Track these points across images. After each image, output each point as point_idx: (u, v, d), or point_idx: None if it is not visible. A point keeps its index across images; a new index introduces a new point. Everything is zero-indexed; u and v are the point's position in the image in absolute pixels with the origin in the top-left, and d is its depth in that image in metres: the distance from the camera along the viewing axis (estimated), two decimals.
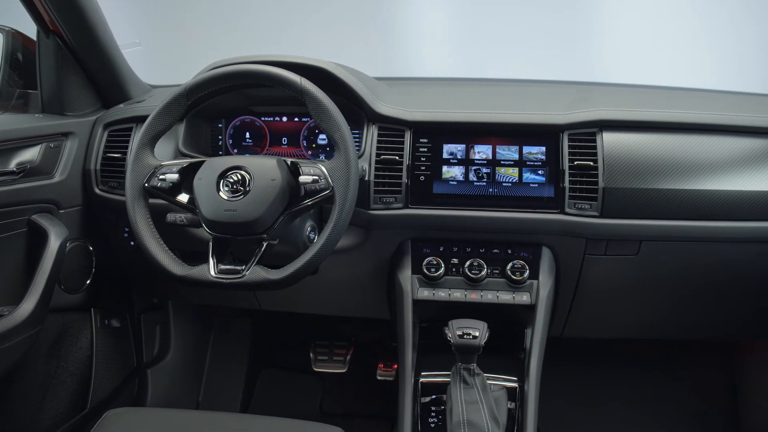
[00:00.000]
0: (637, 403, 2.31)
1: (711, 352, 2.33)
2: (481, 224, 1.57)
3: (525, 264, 1.59)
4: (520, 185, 1.57)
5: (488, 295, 1.58)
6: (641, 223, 1.54)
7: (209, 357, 2.42)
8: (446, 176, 1.58)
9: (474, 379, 1.41)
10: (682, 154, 1.55)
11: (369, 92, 1.62)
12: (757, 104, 1.84)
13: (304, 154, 1.77)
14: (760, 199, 1.53)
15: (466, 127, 1.59)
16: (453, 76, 2.22)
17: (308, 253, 1.34)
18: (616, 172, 1.52)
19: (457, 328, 1.40)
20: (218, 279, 1.35)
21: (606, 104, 1.61)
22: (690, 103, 1.81)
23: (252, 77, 1.42)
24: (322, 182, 1.35)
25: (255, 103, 1.78)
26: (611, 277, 1.67)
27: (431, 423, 1.50)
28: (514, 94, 1.89)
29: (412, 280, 1.61)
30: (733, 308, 1.82)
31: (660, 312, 1.83)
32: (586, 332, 1.95)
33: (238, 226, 1.35)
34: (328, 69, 1.59)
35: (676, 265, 1.65)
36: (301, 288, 1.71)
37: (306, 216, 1.53)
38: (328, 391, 2.41)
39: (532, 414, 1.47)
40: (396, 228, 1.61)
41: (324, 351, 2.37)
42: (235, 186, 1.37)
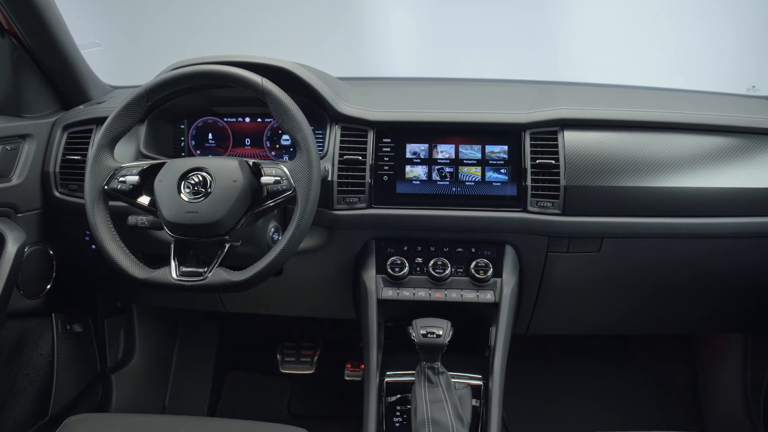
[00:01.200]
0: (602, 398, 2.34)
1: (673, 346, 2.37)
2: (445, 223, 1.58)
3: (488, 262, 1.59)
4: (482, 184, 1.58)
5: (452, 294, 1.59)
6: (602, 220, 1.56)
7: (175, 360, 2.39)
8: (409, 176, 1.59)
9: (438, 377, 1.42)
10: (643, 152, 1.57)
11: (331, 92, 1.61)
12: (718, 103, 1.88)
13: (268, 154, 1.76)
14: (720, 196, 1.56)
15: (429, 127, 1.60)
16: (418, 76, 2.23)
17: (270, 254, 1.33)
18: (577, 170, 1.54)
19: (420, 327, 1.41)
20: (180, 282, 1.34)
21: (567, 103, 1.63)
22: (651, 101, 1.83)
23: (212, 78, 1.40)
24: (284, 183, 1.35)
25: (217, 104, 1.76)
26: (574, 275, 1.69)
27: (396, 422, 1.51)
28: (477, 94, 1.90)
29: (377, 280, 1.61)
30: (694, 303, 1.85)
31: (622, 308, 1.85)
32: (551, 329, 1.97)
33: (199, 227, 1.33)
34: (289, 69, 1.58)
35: (637, 261, 1.67)
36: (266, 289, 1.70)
37: (269, 217, 1.52)
38: (296, 393, 2.40)
39: (496, 411, 1.48)
40: (360, 228, 1.61)
41: (291, 352, 2.36)
42: (196, 187, 1.35)
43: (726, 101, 1.92)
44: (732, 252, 1.66)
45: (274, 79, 1.40)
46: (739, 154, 1.60)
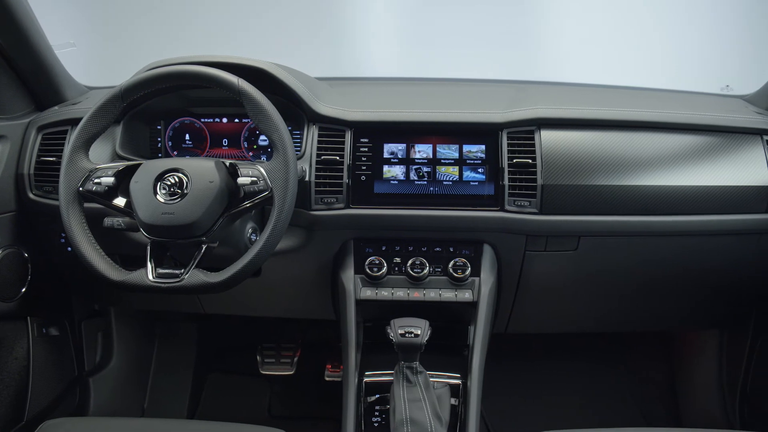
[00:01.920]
0: (581, 395, 2.36)
1: (651, 343, 2.39)
2: (423, 223, 1.58)
3: (467, 262, 1.60)
4: (460, 183, 1.58)
5: (431, 293, 1.59)
6: (579, 219, 1.57)
7: (154, 363, 2.38)
8: (387, 176, 1.59)
9: (417, 377, 1.42)
10: (619, 150, 1.58)
11: (308, 92, 1.61)
12: (693, 102, 1.89)
13: (245, 155, 1.75)
14: (695, 194, 1.57)
15: (406, 127, 1.60)
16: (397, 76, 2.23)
17: (247, 255, 1.32)
18: (554, 169, 1.55)
19: (399, 327, 1.41)
20: (156, 283, 1.33)
21: (544, 102, 1.64)
22: (627, 100, 1.85)
23: (188, 78, 1.40)
24: (260, 184, 1.34)
25: (194, 105, 1.75)
26: (552, 273, 1.70)
27: (375, 422, 1.51)
28: (454, 94, 1.90)
29: (355, 280, 1.61)
30: (671, 301, 1.87)
31: (600, 306, 1.87)
32: (530, 328, 1.98)
33: (176, 229, 1.33)
34: (266, 69, 1.57)
35: (614, 259, 1.69)
36: (245, 290, 1.70)
37: (247, 217, 1.52)
38: (276, 394, 2.39)
39: (475, 409, 1.49)
40: (338, 228, 1.61)
41: (271, 353, 2.35)
42: (172, 189, 1.34)
43: (701, 100, 1.94)
44: (708, 249, 1.68)
45: (250, 80, 1.40)
46: (713, 153, 1.61)
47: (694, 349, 2.24)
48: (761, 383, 1.88)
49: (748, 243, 1.66)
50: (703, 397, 2.17)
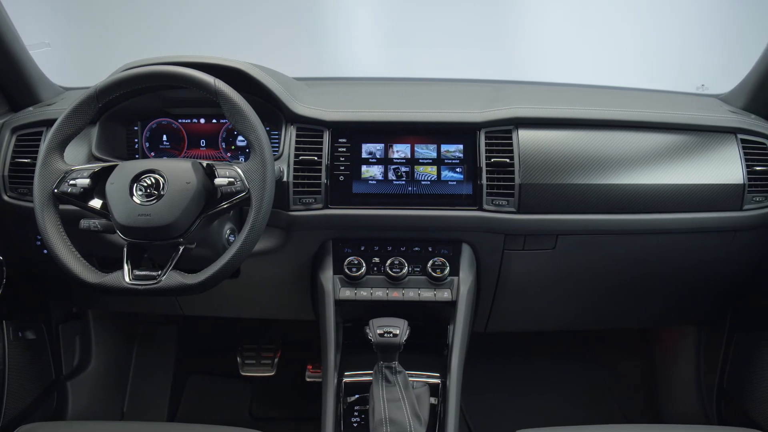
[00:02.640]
0: (562, 393, 2.37)
1: (630, 341, 2.41)
2: (401, 222, 1.58)
3: (445, 261, 1.60)
4: (438, 183, 1.58)
5: (410, 293, 1.59)
6: (557, 217, 1.58)
7: (133, 366, 2.36)
8: (365, 176, 1.59)
9: (396, 377, 1.42)
10: (596, 149, 1.59)
11: (286, 92, 1.61)
12: (669, 101, 1.91)
13: (223, 156, 1.74)
14: (671, 192, 1.59)
15: (384, 127, 1.60)
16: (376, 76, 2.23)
17: (225, 256, 1.32)
18: (531, 168, 1.56)
19: (377, 327, 1.41)
20: (133, 285, 1.32)
21: (522, 102, 1.65)
22: (604, 100, 1.87)
23: (164, 79, 1.39)
24: (238, 184, 1.34)
25: (172, 105, 1.74)
26: (530, 272, 1.71)
27: (354, 422, 1.50)
28: (433, 93, 1.91)
29: (334, 281, 1.61)
30: (649, 298, 1.89)
31: (579, 304, 1.88)
32: (510, 326, 1.99)
33: (152, 230, 1.32)
34: (243, 69, 1.56)
35: (592, 257, 1.70)
36: (224, 292, 1.69)
37: (225, 218, 1.51)
38: (257, 395, 2.38)
39: (453, 409, 1.49)
40: (316, 228, 1.61)
41: (251, 354, 2.34)
42: (149, 190, 1.34)
43: (677, 99, 1.96)
44: (684, 247, 1.70)
45: (227, 80, 1.39)
46: (689, 151, 1.63)
47: (671, 346, 2.26)
48: (737, 379, 1.90)
49: (723, 240, 1.68)
50: (681, 393, 2.20)
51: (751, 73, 1.78)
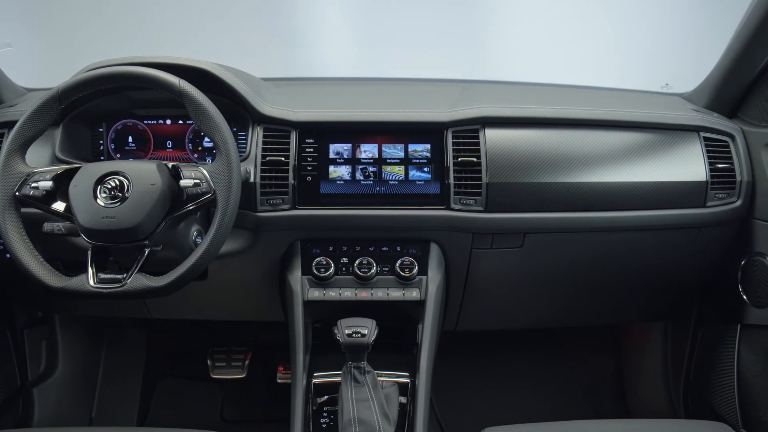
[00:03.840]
0: (533, 389, 2.39)
1: (599, 337, 2.44)
2: (369, 222, 1.58)
3: (414, 260, 1.61)
4: (406, 183, 1.59)
5: (378, 293, 1.59)
6: (524, 216, 1.59)
7: (102, 370, 2.33)
8: (333, 176, 1.58)
9: (365, 377, 1.42)
10: (562, 148, 1.61)
11: (252, 93, 1.60)
12: (634, 100, 1.93)
13: (190, 157, 1.73)
14: (637, 190, 1.61)
15: (352, 127, 1.60)
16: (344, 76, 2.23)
17: (191, 258, 1.31)
18: (498, 167, 1.57)
19: (345, 327, 1.41)
20: (97, 289, 1.30)
21: (489, 101, 1.66)
22: (570, 99, 1.88)
23: (128, 79, 1.37)
24: (203, 186, 1.33)
25: (137, 106, 1.72)
26: (498, 270, 1.72)
27: (323, 423, 1.50)
28: (401, 93, 1.91)
29: (302, 281, 1.61)
30: (616, 295, 1.91)
31: (548, 301, 1.90)
32: (480, 325, 2.01)
33: (117, 233, 1.30)
34: (208, 69, 1.55)
35: (559, 255, 1.71)
36: (192, 294, 1.68)
37: (192, 220, 1.50)
38: (228, 398, 2.36)
39: (422, 408, 1.49)
40: (284, 229, 1.60)
41: (221, 357, 2.32)
42: (113, 192, 1.32)
43: (642, 98, 1.98)
44: (650, 244, 1.72)
45: (193, 81, 1.38)
46: (653, 149, 1.66)
47: (640, 341, 2.29)
48: (702, 373, 1.93)
49: (688, 237, 1.71)
50: (649, 388, 2.23)
51: (713, 72, 1.81)
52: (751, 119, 1.74)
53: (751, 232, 1.70)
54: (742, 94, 1.76)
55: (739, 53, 1.66)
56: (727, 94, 1.78)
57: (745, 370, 1.73)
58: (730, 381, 1.77)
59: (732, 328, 1.78)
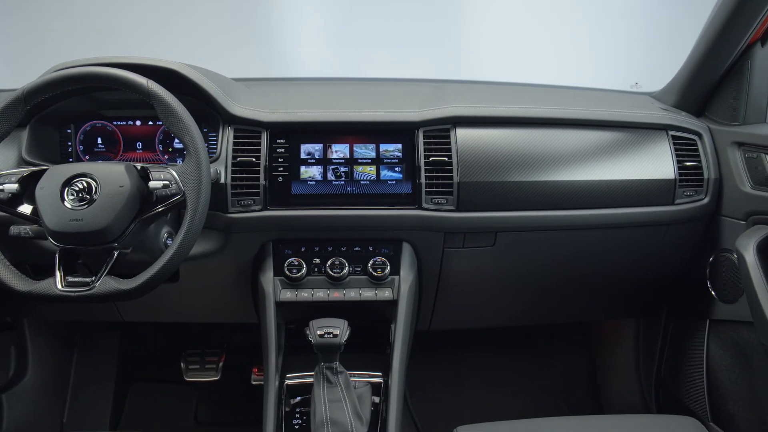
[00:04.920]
0: (508, 388, 2.40)
1: (573, 335, 2.46)
2: (341, 222, 1.58)
3: (386, 260, 1.61)
4: (378, 183, 1.59)
5: (351, 293, 1.59)
6: (495, 215, 1.60)
7: (73, 375, 2.30)
8: (304, 176, 1.58)
9: (337, 377, 1.42)
10: (532, 147, 1.62)
11: (222, 93, 1.59)
12: (603, 99, 1.95)
13: (161, 158, 1.71)
14: (606, 188, 1.63)
15: (323, 127, 1.60)
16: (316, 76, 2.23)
17: (161, 260, 1.30)
18: (469, 166, 1.57)
19: (317, 327, 1.40)
20: (65, 293, 1.29)
21: (459, 101, 1.67)
22: (541, 98, 1.89)
23: (96, 80, 1.35)
24: (173, 187, 1.32)
25: (106, 107, 1.70)
26: (471, 269, 1.73)
27: (296, 424, 1.50)
28: (372, 93, 1.91)
29: (274, 282, 1.60)
30: (588, 293, 1.93)
31: (520, 300, 1.91)
32: (454, 324, 2.01)
33: (85, 236, 1.29)
34: (177, 70, 1.54)
35: (531, 254, 1.73)
36: (164, 296, 1.67)
37: (162, 222, 1.48)
38: (202, 401, 2.35)
39: (395, 407, 1.49)
40: (256, 230, 1.59)
41: (195, 360, 2.30)
42: (80, 194, 1.31)
43: (611, 97, 2.00)
44: (620, 242, 1.74)
45: (162, 81, 1.37)
46: (623, 148, 1.67)
47: (612, 338, 2.31)
48: (673, 368, 1.96)
49: (657, 234, 1.73)
50: (622, 384, 2.25)
51: (680, 72, 1.84)
52: (718, 118, 1.77)
53: (718, 229, 1.72)
54: (708, 93, 1.78)
55: (705, 53, 1.69)
56: (694, 93, 1.80)
57: (713, 364, 1.76)
58: (700, 376, 1.80)
59: (701, 323, 1.80)
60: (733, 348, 1.70)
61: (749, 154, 1.62)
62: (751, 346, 1.62)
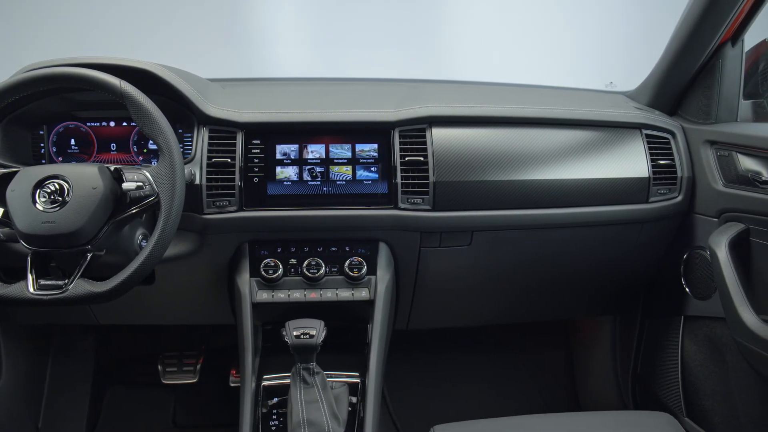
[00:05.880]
0: (487, 386, 2.42)
1: (550, 333, 2.48)
2: (317, 223, 1.58)
3: (362, 260, 1.61)
4: (354, 183, 1.59)
5: (327, 294, 1.59)
6: (471, 214, 1.61)
7: (48, 379, 2.26)
8: (280, 177, 1.57)
9: (314, 378, 1.42)
10: (508, 146, 1.63)
11: (197, 93, 1.58)
12: (579, 98, 1.97)
13: (135, 159, 1.70)
14: (581, 187, 1.64)
15: (298, 127, 1.59)
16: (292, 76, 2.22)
17: (135, 263, 1.29)
18: (445, 166, 1.58)
19: (293, 328, 1.40)
20: (37, 296, 1.27)
21: (435, 101, 1.67)
22: (516, 97, 1.90)
23: (67, 81, 1.34)
24: (146, 188, 1.31)
25: (79, 108, 1.68)
26: (448, 268, 1.73)
27: (272, 426, 1.49)
28: (348, 93, 1.90)
29: (251, 283, 1.59)
30: (565, 291, 1.94)
31: (498, 298, 1.92)
32: (431, 323, 2.02)
33: (57, 238, 1.27)
34: (150, 70, 1.53)
35: (507, 253, 1.73)
36: (140, 299, 1.66)
37: (136, 223, 1.47)
38: (180, 403, 2.33)
39: (372, 407, 1.49)
40: (232, 231, 1.59)
41: (173, 362, 2.29)
42: (52, 196, 1.29)
43: (586, 96, 2.02)
44: (597, 241, 1.76)
45: (135, 81, 1.36)
46: (597, 146, 1.69)
47: (589, 336, 2.33)
48: (648, 365, 1.98)
49: (632, 232, 1.75)
50: (599, 381, 2.27)
51: (653, 71, 1.86)
52: (691, 117, 1.79)
53: (692, 227, 1.74)
54: (681, 92, 1.81)
55: (677, 53, 1.71)
56: (668, 93, 1.82)
57: (688, 360, 1.78)
58: (675, 371, 1.82)
59: (676, 320, 1.82)
60: (707, 344, 1.72)
61: (721, 152, 1.64)
62: (724, 341, 1.64)
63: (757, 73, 1.72)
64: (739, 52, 1.69)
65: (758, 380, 1.53)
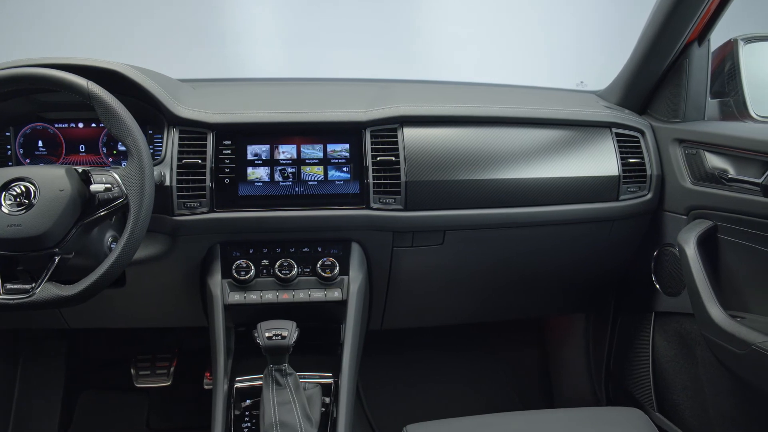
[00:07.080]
0: (463, 384, 2.42)
1: (525, 330, 2.49)
2: (289, 224, 1.57)
3: (335, 261, 1.60)
4: (325, 183, 1.58)
5: (300, 294, 1.58)
6: (443, 213, 1.61)
7: (18, 384, 2.23)
8: (251, 178, 1.57)
9: (286, 379, 1.41)
10: (479, 145, 1.63)
11: (166, 94, 1.56)
12: (550, 97, 1.98)
13: (105, 161, 1.68)
14: (552, 185, 1.65)
15: (270, 128, 1.58)
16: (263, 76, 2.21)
17: (103, 266, 1.27)
18: (417, 165, 1.58)
19: (265, 330, 1.39)
20: (4, 300, 1.25)
21: (406, 100, 1.67)
22: (488, 97, 1.91)
23: (33, 81, 1.32)
24: (115, 190, 1.29)
25: (47, 109, 1.66)
26: (421, 268, 1.73)
27: (245, 428, 1.48)
28: (319, 93, 1.90)
29: (222, 285, 1.58)
30: (538, 289, 1.96)
31: (471, 297, 1.92)
32: (405, 323, 2.01)
33: (23, 241, 1.25)
34: (118, 70, 1.51)
35: (480, 251, 1.74)
36: (110, 302, 1.64)
37: (106, 225, 1.45)
38: (154, 407, 2.31)
39: (345, 408, 1.49)
40: (203, 233, 1.57)
41: (146, 365, 2.26)
42: (18, 199, 1.27)
43: (557, 96, 2.03)
44: (568, 239, 1.77)
45: (103, 82, 1.34)
46: (568, 145, 1.70)
47: (563, 333, 2.35)
48: (621, 361, 2.00)
49: (603, 230, 1.77)
50: (573, 378, 2.29)
51: (623, 70, 1.88)
52: (660, 115, 1.81)
53: (661, 224, 1.76)
54: (650, 91, 1.82)
55: (645, 53, 1.73)
56: (637, 92, 1.84)
57: (659, 356, 1.80)
58: (646, 367, 1.84)
59: (647, 316, 1.85)
60: (677, 339, 1.74)
61: (689, 150, 1.66)
62: (693, 337, 1.67)
63: (724, 73, 1.74)
64: (705, 51, 1.71)
65: (726, 375, 1.55)
